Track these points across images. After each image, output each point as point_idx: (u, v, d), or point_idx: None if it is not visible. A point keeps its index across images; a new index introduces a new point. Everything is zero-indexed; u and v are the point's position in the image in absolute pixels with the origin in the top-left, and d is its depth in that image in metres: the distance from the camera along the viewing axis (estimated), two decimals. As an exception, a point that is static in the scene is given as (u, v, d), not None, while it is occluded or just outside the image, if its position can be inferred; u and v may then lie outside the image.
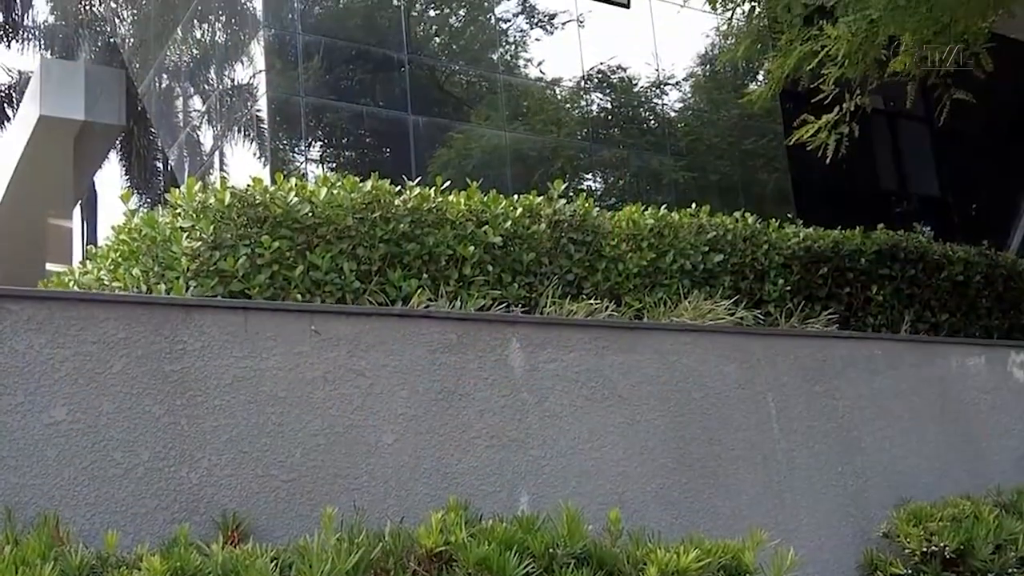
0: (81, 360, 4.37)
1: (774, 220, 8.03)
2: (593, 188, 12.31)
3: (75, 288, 6.22)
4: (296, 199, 5.70)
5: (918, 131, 15.44)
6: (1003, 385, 7.81)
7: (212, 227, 5.41)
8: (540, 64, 12.01)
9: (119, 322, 4.51)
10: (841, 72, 7.83)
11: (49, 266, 18.69)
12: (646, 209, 7.44)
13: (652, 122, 13.05)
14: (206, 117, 11.75)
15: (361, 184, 6.05)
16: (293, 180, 5.92)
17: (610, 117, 12.79)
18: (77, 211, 16.55)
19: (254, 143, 10.34)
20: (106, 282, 5.93)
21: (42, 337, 4.32)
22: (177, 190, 5.66)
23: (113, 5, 15.14)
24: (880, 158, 15.44)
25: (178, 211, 5.58)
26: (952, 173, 15.81)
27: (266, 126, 9.95)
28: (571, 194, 9.56)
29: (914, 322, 8.22)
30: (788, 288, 7.66)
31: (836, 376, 6.88)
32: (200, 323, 4.72)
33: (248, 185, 5.68)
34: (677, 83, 13.28)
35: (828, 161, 8.11)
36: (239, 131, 10.73)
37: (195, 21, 12.04)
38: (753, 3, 8.01)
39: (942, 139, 14.86)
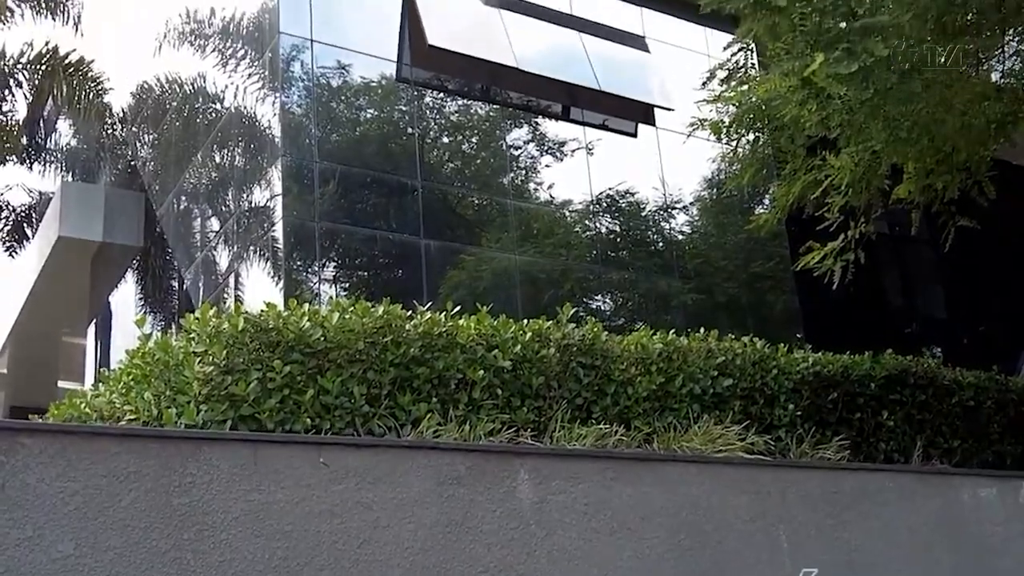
0: (91, 494, 4.37)
1: (783, 345, 8.06)
2: (602, 309, 12.40)
3: (87, 411, 6.25)
4: (308, 324, 5.79)
5: (925, 254, 15.60)
6: (1015, 516, 7.69)
7: (225, 352, 5.47)
8: (550, 188, 12.26)
9: (129, 455, 4.53)
10: (845, 200, 7.98)
11: (62, 383, 18.78)
12: (655, 333, 7.49)
13: (660, 245, 13.22)
14: (222, 239, 11.97)
15: (373, 309, 6.14)
16: (306, 306, 6.00)
17: (619, 240, 12.97)
18: (92, 329, 16.69)
19: (269, 263, 10.51)
20: (118, 405, 5.96)
21: (53, 470, 4.33)
22: (191, 315, 5.75)
23: (135, 130, 15.59)
24: (887, 281, 15.55)
25: (192, 336, 5.66)
26: (960, 296, 15.89)
27: (281, 248, 10.13)
28: (581, 314, 9.65)
29: (926, 448, 8.15)
30: (798, 413, 7.64)
31: (847, 508, 6.79)
32: (209, 456, 4.73)
33: (262, 311, 5.77)
34: (684, 207, 13.51)
35: (835, 287, 8.18)
36: (255, 252, 10.92)
37: (215, 146, 12.39)
38: (757, 133, 8.21)
39: (949, 263, 14.99)
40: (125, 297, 15.28)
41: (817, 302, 12.88)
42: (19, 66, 15.23)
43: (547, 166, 12.38)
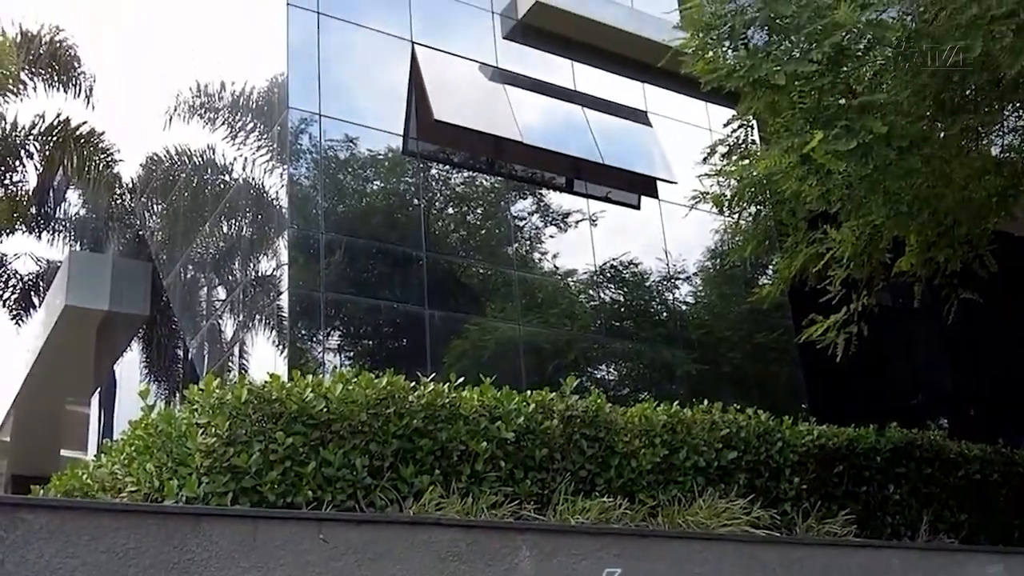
0: (90, 570, 4.34)
1: (787, 417, 8.04)
2: (606, 379, 12.38)
3: (89, 482, 6.23)
4: (312, 395, 5.80)
5: (928, 326, 15.58)
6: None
7: (227, 423, 5.48)
8: (554, 258, 12.34)
9: (129, 531, 4.51)
10: (847, 273, 8.01)
11: (64, 452, 18.69)
12: (658, 404, 7.48)
13: (664, 315, 13.25)
14: (228, 308, 12.03)
15: (376, 380, 6.15)
16: (310, 377, 6.02)
17: (622, 310, 13.00)
18: (95, 398, 16.67)
19: (274, 332, 10.54)
20: (120, 476, 5.95)
21: (52, 546, 4.31)
22: (195, 386, 5.77)
23: (144, 200, 15.76)
24: (891, 352, 15.51)
25: (195, 407, 5.67)
26: (964, 368, 15.83)
27: (286, 318, 10.17)
28: (585, 384, 9.63)
29: (933, 522, 8.08)
30: (804, 487, 7.59)
31: (854, 585, 6.71)
32: (209, 532, 4.70)
33: (265, 382, 5.79)
34: (688, 277, 13.56)
35: (838, 359, 8.18)
36: (260, 321, 10.96)
37: (222, 216, 12.52)
38: (759, 207, 8.29)
39: (953, 334, 14.98)
40: (130, 365, 15.28)
41: (821, 373, 12.84)
42: (30, 137, 15.44)
43: (551, 237, 12.47)
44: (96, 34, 17.60)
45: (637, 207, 13.30)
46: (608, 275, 12.73)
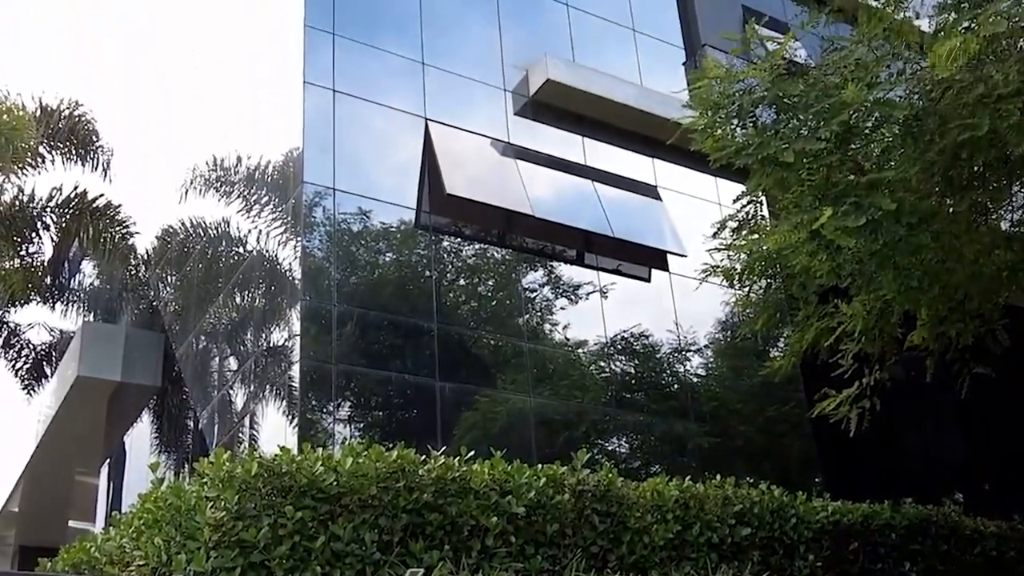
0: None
1: (801, 492, 7.96)
2: (618, 452, 12.30)
3: (97, 555, 6.20)
4: (322, 468, 5.79)
5: (942, 399, 15.46)
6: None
7: (237, 497, 5.46)
8: (565, 329, 12.35)
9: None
10: (859, 347, 8.01)
11: (73, 523, 18.57)
12: (671, 479, 7.42)
13: (675, 387, 13.20)
14: (239, 379, 12.05)
15: (386, 453, 6.14)
16: (320, 450, 6.01)
17: (633, 382, 12.97)
18: (105, 469, 16.61)
19: (285, 403, 10.55)
20: (128, 550, 5.92)
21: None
22: (205, 459, 5.76)
23: (158, 271, 15.90)
24: (905, 425, 15.38)
25: (204, 480, 5.66)
26: (979, 442, 15.67)
27: (297, 389, 10.19)
28: (596, 457, 9.57)
29: (951, 602, 7.95)
30: (819, 564, 7.49)
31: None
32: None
33: (275, 455, 5.78)
34: (699, 349, 13.54)
35: (851, 434, 8.13)
36: (271, 391, 10.98)
37: (236, 287, 12.61)
38: (769, 280, 8.32)
39: (967, 408, 14.87)
40: (140, 436, 15.26)
41: (834, 445, 12.74)
42: (47, 209, 15.65)
43: (562, 308, 12.50)
44: (115, 108, 17.94)
45: (648, 279, 13.35)
46: (619, 347, 12.73)
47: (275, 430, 10.43)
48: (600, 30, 14.50)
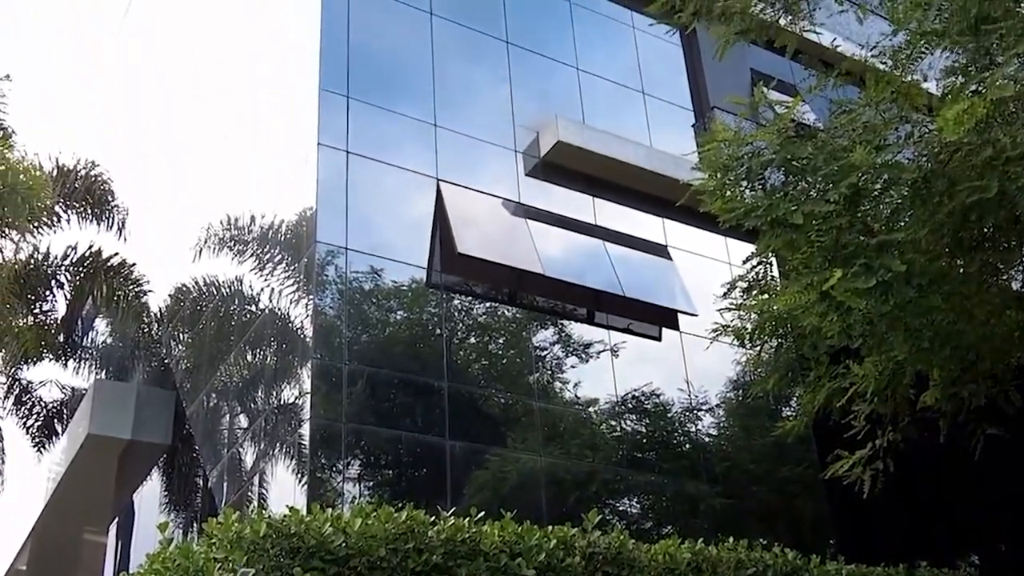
0: None
1: (815, 555, 7.87)
2: (629, 512, 12.19)
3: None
4: (331, 530, 5.76)
5: (956, 460, 15.29)
6: None
7: (245, 558, 5.43)
8: (576, 387, 12.33)
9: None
10: (871, 408, 7.97)
11: (79, 584, 18.43)
12: (683, 541, 7.35)
13: (687, 447, 13.11)
14: (249, 437, 12.04)
15: (396, 514, 6.11)
16: (329, 511, 5.99)
17: (645, 441, 12.89)
18: (113, 527, 16.52)
19: (294, 461, 10.52)
20: (135, 612, 5.88)
21: None
22: (214, 520, 5.74)
23: (170, 329, 15.97)
24: (919, 486, 15.21)
25: (213, 541, 5.63)
26: (993, 503, 15.47)
27: (307, 447, 10.17)
28: (608, 518, 9.47)
29: (971, 670, 7.79)
30: (833, 629, 7.37)
31: None
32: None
33: (284, 516, 5.76)
34: (710, 408, 13.47)
35: (865, 496, 8.05)
36: (281, 450, 10.96)
37: (247, 346, 12.65)
38: (780, 340, 8.32)
39: (981, 469, 14.70)
40: (149, 495, 15.20)
41: (848, 508, 12.60)
42: (62, 267, 15.79)
43: (572, 367, 12.49)
44: (131, 168, 18.18)
45: (658, 338, 13.34)
46: (630, 406, 12.68)
47: (285, 489, 10.39)
48: (610, 92, 14.70)
